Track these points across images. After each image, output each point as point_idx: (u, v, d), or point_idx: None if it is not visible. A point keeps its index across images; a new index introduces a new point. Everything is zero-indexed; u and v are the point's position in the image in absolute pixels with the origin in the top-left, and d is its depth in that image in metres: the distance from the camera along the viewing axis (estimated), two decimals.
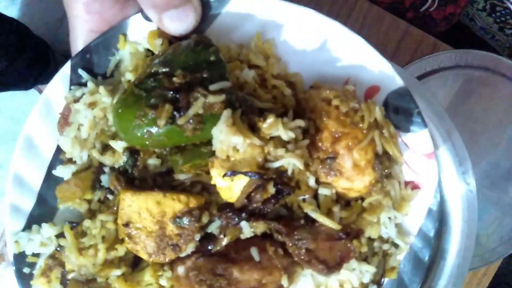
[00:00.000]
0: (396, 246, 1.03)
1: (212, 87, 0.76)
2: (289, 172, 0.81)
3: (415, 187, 1.03)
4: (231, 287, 0.82)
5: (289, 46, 0.97)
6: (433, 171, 1.00)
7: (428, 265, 1.07)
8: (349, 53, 0.96)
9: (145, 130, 0.77)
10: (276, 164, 0.80)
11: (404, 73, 1.12)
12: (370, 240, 1.00)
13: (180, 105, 0.74)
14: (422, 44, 1.62)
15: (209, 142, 0.81)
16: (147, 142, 0.78)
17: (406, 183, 1.03)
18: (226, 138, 0.77)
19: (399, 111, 0.98)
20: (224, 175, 0.79)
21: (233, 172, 0.78)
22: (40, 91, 2.86)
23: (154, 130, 0.76)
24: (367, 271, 0.95)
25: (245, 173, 0.78)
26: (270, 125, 0.78)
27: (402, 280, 1.05)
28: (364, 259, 0.97)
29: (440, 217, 1.13)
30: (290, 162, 0.80)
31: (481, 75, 1.58)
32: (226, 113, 0.77)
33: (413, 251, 1.04)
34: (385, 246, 1.00)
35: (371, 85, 0.99)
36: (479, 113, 1.59)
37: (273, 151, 0.79)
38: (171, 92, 0.75)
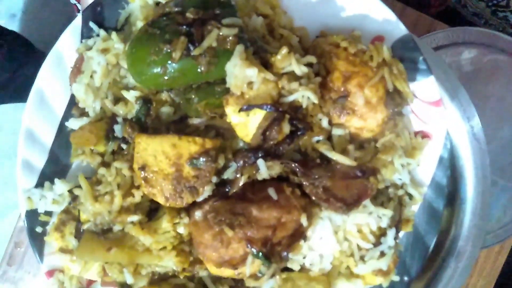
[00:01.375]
0: (410, 197, 1.03)
1: (225, 21, 0.78)
2: (304, 106, 0.81)
3: (424, 136, 1.03)
4: (251, 224, 0.81)
5: (294, 0, 0.99)
6: (441, 118, 1.01)
7: (442, 215, 1.06)
8: (353, 3, 0.98)
9: (160, 66, 0.77)
10: (290, 98, 0.81)
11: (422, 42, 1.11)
12: (385, 188, 1.00)
13: (195, 38, 0.75)
14: (418, 24, 1.66)
15: (223, 81, 0.82)
16: (161, 80, 0.79)
17: (416, 133, 1.03)
18: (240, 72, 0.77)
19: (404, 60, 0.99)
20: (240, 110, 0.79)
21: (248, 106, 0.79)
22: None
23: (169, 65, 0.77)
24: (384, 215, 0.94)
25: (260, 106, 0.79)
26: (284, 57, 0.79)
27: (418, 233, 1.05)
28: (380, 204, 0.96)
29: (452, 165, 1.13)
30: (304, 95, 0.81)
31: (479, 51, 1.61)
32: (239, 48, 0.78)
33: (427, 202, 1.04)
34: (400, 192, 0.99)
35: (376, 35, 1.01)
36: (479, 89, 1.61)
37: (287, 85, 0.80)
38: (185, 27, 0.76)
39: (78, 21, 0.90)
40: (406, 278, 1.06)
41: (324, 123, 0.88)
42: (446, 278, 1.22)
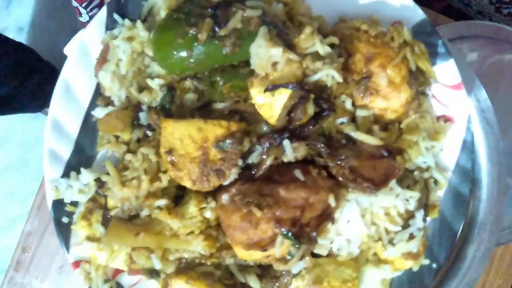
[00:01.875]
0: (435, 182, 1.02)
1: (249, 3, 0.79)
2: (329, 85, 0.82)
3: (447, 120, 1.03)
4: (279, 205, 0.80)
5: None
6: (462, 102, 1.01)
7: (469, 200, 1.05)
8: None
9: (186, 49, 0.78)
10: (315, 77, 0.81)
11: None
12: (409, 171, 1.00)
13: (220, 20, 0.77)
14: None
15: (247, 64, 0.83)
16: (187, 63, 0.80)
17: (438, 118, 1.03)
18: (265, 52, 0.78)
19: (424, 44, 1.00)
20: (265, 90, 0.80)
21: (274, 86, 0.79)
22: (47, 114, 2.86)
23: (195, 47, 0.78)
24: (411, 197, 0.93)
25: (285, 85, 0.79)
26: (307, 37, 0.80)
27: (444, 219, 1.03)
28: (407, 187, 0.95)
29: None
30: (329, 73, 0.81)
31: (485, 44, 1.61)
32: (263, 29, 0.79)
33: (452, 187, 1.03)
34: (425, 175, 0.98)
35: (394, 21, 1.02)
36: (487, 83, 1.60)
37: (311, 65, 0.81)
38: (210, 9, 0.78)
39: (103, 13, 0.92)
40: (434, 265, 1.04)
41: (348, 104, 0.89)
42: (465, 267, 1.18)
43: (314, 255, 0.91)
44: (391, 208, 0.91)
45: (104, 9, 0.92)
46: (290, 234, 0.80)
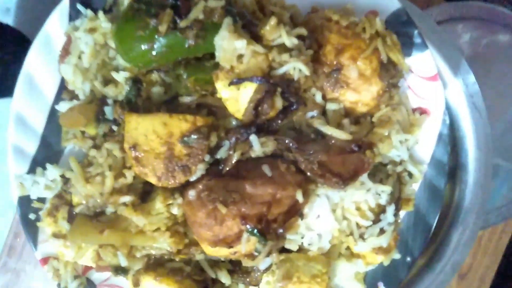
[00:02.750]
0: (410, 175, 1.01)
1: None
2: (295, 78, 0.80)
3: (423, 112, 1.01)
4: (244, 201, 0.79)
5: None
6: (438, 94, 0.99)
7: (444, 193, 1.03)
8: None
9: (147, 42, 0.76)
10: (281, 70, 0.79)
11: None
12: (382, 165, 0.98)
13: (181, 10, 0.74)
14: None
15: (212, 57, 0.80)
16: (150, 56, 0.77)
17: (414, 110, 1.01)
18: (229, 44, 0.76)
19: (399, 35, 0.97)
20: (230, 84, 0.78)
21: (238, 79, 0.77)
22: None
23: (156, 39, 0.75)
24: (383, 191, 0.92)
25: (250, 79, 0.77)
26: (273, 28, 0.77)
27: (419, 212, 1.02)
28: (379, 181, 0.94)
29: (452, 136, 1.09)
30: (296, 66, 0.79)
31: (477, 26, 1.57)
32: (228, 20, 0.77)
33: (427, 180, 1.02)
34: (399, 169, 0.97)
35: (369, 10, 0.99)
36: (479, 65, 1.56)
37: (278, 57, 0.79)
38: (171, 0, 0.75)
39: (65, 3, 0.89)
40: (409, 259, 1.03)
41: (318, 97, 0.87)
42: (450, 251, 1.19)
43: (285, 250, 0.90)
44: (362, 203, 0.90)
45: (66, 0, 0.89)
46: (255, 231, 0.79)
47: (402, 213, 1.02)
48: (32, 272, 1.17)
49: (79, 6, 0.89)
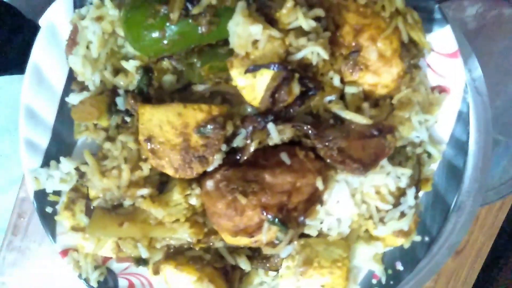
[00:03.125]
0: (429, 155, 0.99)
1: None
2: (314, 62, 0.76)
3: (442, 90, 0.98)
4: (265, 191, 0.78)
5: None
6: (459, 71, 0.95)
7: (463, 173, 1.02)
8: None
9: (158, 30, 0.72)
10: (299, 55, 0.76)
11: None
12: (402, 147, 0.96)
13: None
14: None
15: (226, 43, 0.77)
16: (161, 44, 0.74)
17: (433, 88, 0.98)
18: (244, 30, 0.72)
19: (418, 10, 0.93)
20: (246, 72, 0.74)
21: (254, 66, 0.74)
22: None
23: (168, 27, 0.72)
24: (403, 174, 0.90)
25: (267, 66, 0.74)
26: (289, 11, 0.73)
27: (437, 192, 1.01)
28: (399, 164, 0.92)
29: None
30: (314, 50, 0.76)
31: (483, 3, 1.52)
32: (241, 4, 0.73)
33: (446, 160, 1.00)
34: (418, 150, 0.95)
35: None
36: (483, 44, 1.53)
37: (295, 42, 0.75)
38: None
39: None
40: (427, 239, 1.03)
41: (336, 81, 0.83)
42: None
43: (304, 235, 0.90)
44: (382, 187, 0.89)
45: None
46: (276, 220, 0.78)
47: (420, 193, 1.01)
48: (37, 250, 1.18)
49: None
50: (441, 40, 0.93)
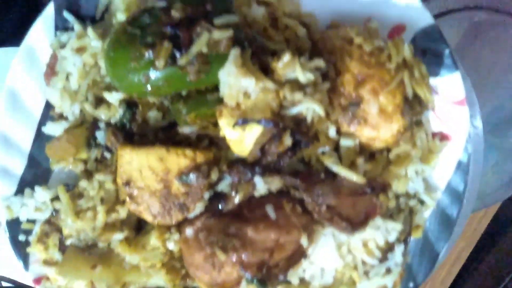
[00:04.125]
0: (422, 202, 0.95)
1: (217, 20, 0.66)
2: (309, 119, 0.71)
3: (443, 138, 0.93)
4: (245, 247, 0.74)
5: None
6: (464, 120, 0.90)
7: (456, 223, 0.99)
8: None
9: (142, 74, 0.67)
10: (293, 111, 0.70)
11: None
12: (396, 197, 0.92)
13: (181, 42, 0.64)
14: None
15: (215, 88, 0.71)
16: (145, 89, 0.68)
17: (434, 134, 0.93)
18: (235, 81, 0.67)
19: (427, 52, 0.87)
20: (234, 125, 0.69)
21: (244, 120, 0.69)
22: None
23: (152, 73, 0.66)
24: (393, 228, 0.86)
25: (258, 121, 0.68)
26: (286, 64, 0.67)
27: (427, 239, 0.97)
28: (389, 216, 0.89)
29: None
30: (309, 107, 0.70)
31: (490, 16, 1.47)
32: (235, 51, 0.66)
33: (440, 208, 0.96)
34: (412, 202, 0.91)
35: (396, 24, 0.87)
36: (486, 56, 1.49)
37: (290, 96, 0.69)
38: (170, 28, 0.64)
39: (49, 10, 0.78)
40: (411, 285, 1.01)
41: (332, 132, 0.78)
42: None
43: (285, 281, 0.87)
44: (370, 240, 0.86)
45: (51, 6, 0.78)
46: (255, 280, 0.74)
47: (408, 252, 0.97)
48: None
49: (66, 14, 0.78)
50: (449, 86, 0.88)
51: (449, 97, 0.89)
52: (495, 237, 1.66)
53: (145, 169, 0.74)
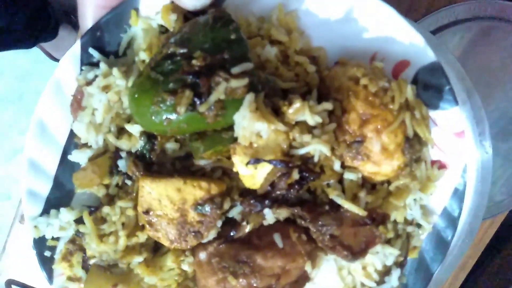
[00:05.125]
0: (419, 226, 1.01)
1: (234, 70, 0.71)
2: (316, 159, 0.77)
3: (441, 166, 0.98)
4: (254, 274, 0.81)
5: (313, 18, 0.90)
6: (462, 150, 0.95)
7: (450, 246, 1.04)
8: (377, 24, 0.88)
9: (163, 117, 0.72)
10: (302, 151, 0.76)
11: (419, 28, 1.02)
12: (395, 223, 0.98)
13: (201, 91, 0.69)
14: None
15: (230, 127, 0.77)
16: (166, 129, 0.74)
17: (433, 162, 0.98)
18: (249, 125, 0.72)
19: (429, 87, 0.92)
20: (247, 163, 0.75)
21: (256, 160, 0.75)
22: (42, 49, 2.77)
23: (173, 116, 0.72)
24: (391, 253, 0.93)
25: (269, 161, 0.74)
26: (296, 110, 0.73)
27: (423, 259, 1.04)
28: (388, 241, 0.95)
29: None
30: (316, 148, 0.76)
31: (499, 26, 1.49)
32: (249, 97, 0.72)
33: (436, 230, 1.02)
34: (409, 228, 0.97)
35: (400, 60, 0.92)
36: (495, 66, 1.51)
37: (299, 137, 0.75)
38: (191, 76, 0.70)
39: (76, 48, 0.83)
40: None
41: (337, 166, 0.84)
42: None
43: None
44: (369, 265, 0.92)
45: (78, 43, 0.83)
46: None
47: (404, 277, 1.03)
48: None
49: (92, 51, 0.84)
50: (448, 119, 0.93)
51: (448, 129, 0.94)
52: (501, 245, 1.70)
53: (164, 199, 0.80)
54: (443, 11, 1.47)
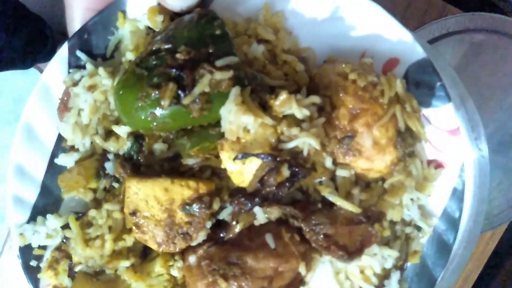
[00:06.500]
0: (419, 229, 0.97)
1: (219, 62, 0.70)
2: (305, 153, 0.75)
3: (438, 165, 0.96)
4: (245, 276, 0.77)
5: (300, 18, 0.90)
6: (458, 148, 0.93)
7: (452, 249, 1.01)
8: (365, 22, 0.88)
9: (148, 112, 0.71)
10: (290, 145, 0.74)
11: (417, 37, 1.04)
12: (392, 223, 0.95)
13: (185, 83, 0.69)
14: (430, 8, 1.54)
15: (217, 123, 0.75)
16: (151, 125, 0.73)
17: (429, 162, 0.96)
18: (235, 118, 0.71)
19: (420, 84, 0.91)
20: (235, 158, 0.73)
21: (244, 154, 0.73)
22: (40, 70, 2.80)
23: (158, 111, 0.71)
24: (389, 255, 0.89)
25: (257, 155, 0.73)
26: (283, 103, 0.72)
27: (425, 264, 0.99)
28: (386, 243, 0.91)
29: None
30: (305, 141, 0.74)
31: (490, 38, 1.50)
32: (235, 91, 0.71)
33: (436, 234, 0.98)
34: (408, 229, 0.94)
35: (390, 58, 0.91)
36: (487, 77, 1.52)
37: (287, 131, 0.74)
38: (175, 70, 0.69)
39: (64, 50, 0.83)
40: None
41: (328, 163, 0.82)
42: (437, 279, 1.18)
43: None
44: (367, 268, 0.88)
45: (65, 46, 0.83)
46: None
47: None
48: None
49: (79, 53, 0.84)
50: (442, 116, 0.91)
51: (442, 127, 0.92)
52: (503, 258, 1.66)
53: (151, 199, 0.78)
54: (435, 23, 1.50)
